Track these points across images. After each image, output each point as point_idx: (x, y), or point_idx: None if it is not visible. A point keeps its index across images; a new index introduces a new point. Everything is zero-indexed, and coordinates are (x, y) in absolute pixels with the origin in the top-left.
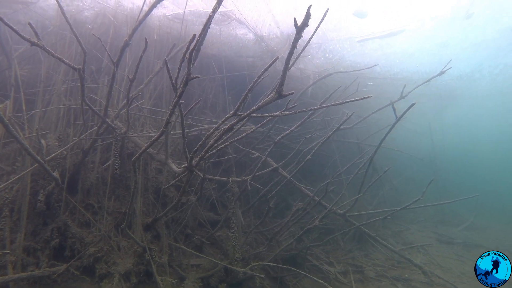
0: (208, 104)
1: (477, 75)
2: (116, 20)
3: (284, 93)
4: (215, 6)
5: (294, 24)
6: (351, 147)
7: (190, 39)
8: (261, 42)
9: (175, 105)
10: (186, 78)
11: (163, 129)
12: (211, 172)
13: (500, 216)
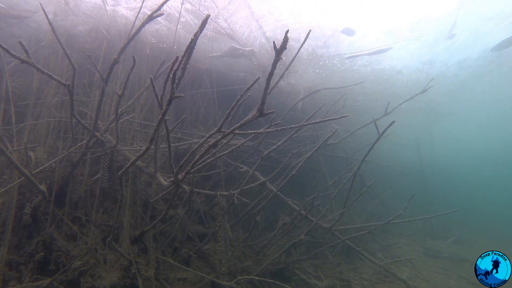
0: (200, 118)
1: (462, 92)
2: (109, 34)
3: (265, 112)
4: (197, 31)
5: (273, 47)
6: (340, 161)
7: (173, 61)
8: (252, 58)
9: (159, 122)
10: (170, 97)
11: (148, 145)
12: (200, 185)
13: (487, 229)
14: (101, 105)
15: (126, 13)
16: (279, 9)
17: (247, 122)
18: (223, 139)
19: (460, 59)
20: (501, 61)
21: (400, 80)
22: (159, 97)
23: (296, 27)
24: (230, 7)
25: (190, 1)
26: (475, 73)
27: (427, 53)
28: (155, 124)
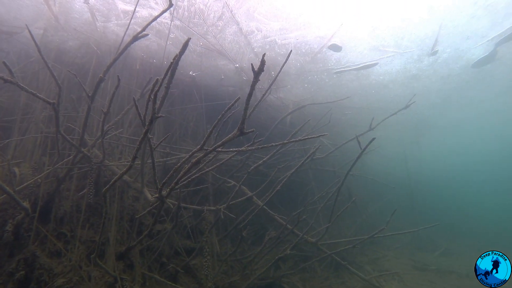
0: (189, 132)
1: (447, 105)
2: (100, 50)
3: (245, 131)
4: (176, 55)
5: (252, 69)
6: (329, 174)
7: (154, 82)
8: (241, 73)
9: (141, 141)
10: (151, 117)
11: (130, 163)
12: (189, 200)
13: (474, 241)
14: (87, 122)
15: (116, 29)
16: (267, 26)
17: (228, 141)
18: (206, 156)
19: (443, 75)
20: (481, 77)
21: (387, 94)
22: (142, 116)
23: (284, 43)
24: (219, 23)
25: (180, 18)
26: (458, 88)
27: (412, 69)
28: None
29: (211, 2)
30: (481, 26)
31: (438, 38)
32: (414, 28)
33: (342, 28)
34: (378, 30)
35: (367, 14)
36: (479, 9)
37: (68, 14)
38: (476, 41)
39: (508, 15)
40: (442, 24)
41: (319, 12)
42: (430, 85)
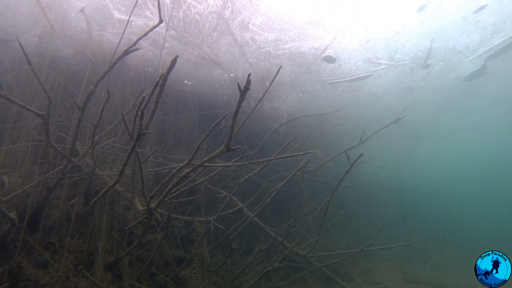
0: (183, 141)
1: (440, 117)
2: (95, 58)
3: (232, 148)
4: (162, 74)
5: (238, 87)
6: (322, 185)
7: (141, 100)
8: (235, 82)
9: (128, 156)
10: (138, 134)
11: (117, 178)
12: (181, 209)
13: (464, 254)
14: (77, 133)
15: (112, 38)
16: (261, 37)
17: (215, 156)
18: (196, 169)
19: (436, 87)
20: (472, 90)
21: (381, 105)
22: (131, 131)
23: (279, 54)
24: (214, 34)
25: (175, 28)
26: (451, 100)
27: (405, 81)
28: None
29: (206, 13)
30: (471, 41)
31: (430, 52)
32: (406, 42)
33: (336, 40)
34: (372, 42)
35: (361, 27)
36: (469, 25)
37: (64, 22)
38: (466, 56)
39: (496, 32)
40: (434, 39)
41: (313, 24)
42: (423, 97)
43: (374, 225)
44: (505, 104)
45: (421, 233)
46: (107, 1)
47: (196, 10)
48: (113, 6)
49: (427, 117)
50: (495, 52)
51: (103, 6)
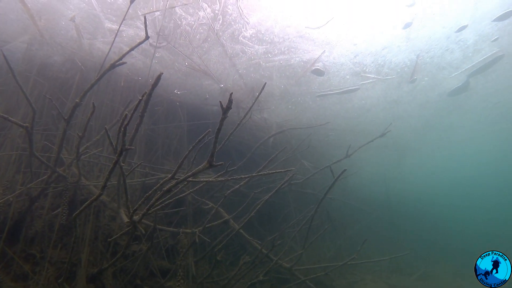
0: (172, 150)
1: (427, 130)
2: (85, 66)
3: (214, 164)
4: (145, 92)
5: (220, 106)
6: (310, 197)
7: (124, 117)
8: (225, 93)
9: (110, 171)
10: (121, 149)
11: (100, 192)
12: (168, 219)
13: (450, 265)
14: (62, 143)
15: (102, 47)
16: (251, 49)
17: (198, 172)
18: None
19: (422, 101)
20: (457, 104)
21: (369, 118)
22: (113, 144)
23: (268, 66)
24: (204, 45)
25: (165, 38)
26: (437, 114)
27: (392, 94)
28: (112, 167)
29: (196, 25)
30: (454, 59)
31: (416, 67)
32: (393, 57)
33: (325, 54)
34: (360, 57)
35: (349, 42)
36: (451, 43)
37: (54, 30)
38: (450, 72)
39: (477, 51)
40: (420, 55)
41: (303, 38)
42: (410, 111)
43: (362, 237)
44: (488, 118)
45: (408, 244)
46: (98, 11)
47: (186, 21)
48: (104, 15)
49: (414, 130)
50: (476, 70)
51: (94, 15)
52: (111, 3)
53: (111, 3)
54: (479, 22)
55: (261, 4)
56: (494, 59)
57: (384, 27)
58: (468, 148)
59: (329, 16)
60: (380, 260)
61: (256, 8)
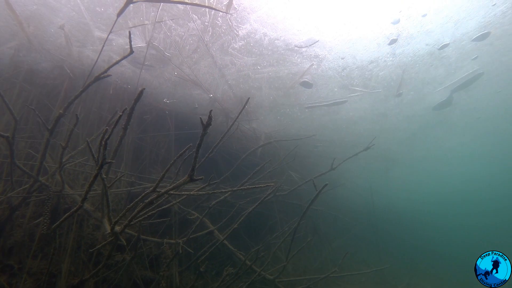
0: (160, 159)
1: (414, 142)
2: (74, 73)
3: (195, 178)
4: (125, 108)
5: (201, 123)
6: (297, 208)
7: (104, 132)
8: (214, 102)
9: (90, 184)
10: (101, 163)
11: (80, 204)
12: (154, 228)
13: (435, 277)
14: (45, 153)
15: (92, 55)
16: (241, 60)
17: (179, 185)
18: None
19: (408, 115)
20: (441, 118)
21: (357, 130)
22: (95, 157)
23: (258, 77)
24: (194, 56)
25: (155, 48)
26: (423, 127)
27: (380, 107)
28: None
29: (186, 36)
30: (438, 74)
31: (402, 82)
32: (380, 71)
33: (313, 67)
34: (347, 70)
35: (337, 56)
36: (435, 59)
37: (43, 37)
38: (435, 87)
39: (459, 68)
40: (405, 70)
41: (291, 51)
42: (397, 123)
43: (348, 247)
44: (471, 132)
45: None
46: (88, 20)
47: (176, 32)
48: (94, 24)
49: (401, 142)
50: (459, 86)
51: (84, 24)
52: (101, 13)
53: (101, 13)
54: (459, 41)
55: (250, 17)
56: (475, 76)
57: (371, 43)
58: (453, 160)
59: (317, 31)
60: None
61: (246, 21)
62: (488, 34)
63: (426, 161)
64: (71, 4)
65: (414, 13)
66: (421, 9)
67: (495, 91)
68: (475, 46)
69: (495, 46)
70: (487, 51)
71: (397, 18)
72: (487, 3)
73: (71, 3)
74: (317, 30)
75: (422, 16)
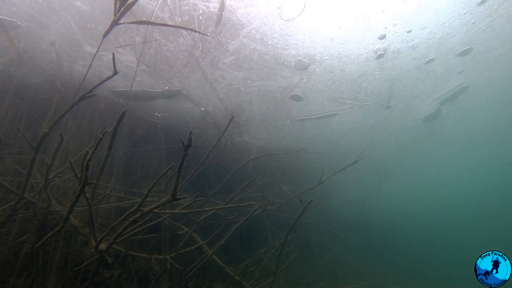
0: (151, 172)
1: (404, 154)
2: (64, 88)
3: (177, 197)
4: (111, 128)
5: (181, 143)
6: (288, 221)
7: (85, 154)
8: (206, 116)
9: (72, 205)
10: (82, 185)
11: (62, 224)
12: (144, 243)
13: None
14: (31, 171)
15: (83, 70)
16: (231, 75)
17: (162, 205)
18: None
19: (398, 126)
20: (431, 130)
21: (348, 141)
22: (79, 177)
23: (248, 91)
24: (185, 70)
25: (146, 63)
26: (413, 139)
27: (370, 119)
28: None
29: (176, 51)
30: (426, 87)
31: (391, 95)
32: (369, 85)
33: (303, 80)
34: (337, 84)
35: (326, 69)
36: (422, 73)
37: (34, 53)
38: (423, 100)
39: (445, 81)
40: (394, 83)
41: (281, 65)
42: (388, 135)
43: (341, 259)
44: (461, 142)
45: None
46: (79, 36)
47: (167, 48)
48: (85, 40)
49: (392, 154)
50: (446, 98)
51: (75, 40)
52: (91, 29)
53: (92, 29)
54: (444, 56)
55: (240, 33)
56: (461, 89)
57: (359, 58)
58: (444, 170)
59: (305, 47)
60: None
61: (235, 36)
62: (471, 49)
63: (418, 171)
64: (62, 21)
65: (399, 29)
66: (405, 26)
67: (481, 104)
68: (460, 61)
69: (478, 61)
70: (471, 65)
71: (383, 33)
72: (468, 21)
73: (62, 20)
74: (305, 46)
75: (407, 32)
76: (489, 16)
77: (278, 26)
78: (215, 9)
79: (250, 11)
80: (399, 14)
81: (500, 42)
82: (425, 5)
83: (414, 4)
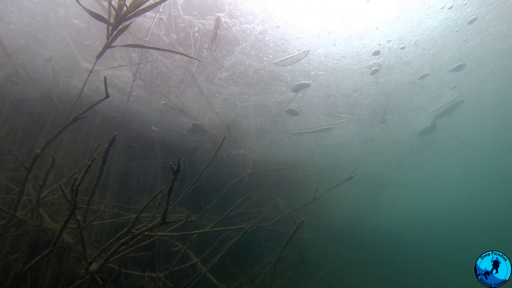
0: (147, 186)
1: (401, 167)
2: (61, 102)
3: (167, 221)
4: (91, 160)
5: (171, 169)
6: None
7: (74, 179)
8: (202, 130)
9: (62, 229)
10: (72, 209)
11: (51, 248)
12: (138, 259)
13: None
14: (23, 190)
15: (79, 85)
16: (227, 90)
17: (153, 227)
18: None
19: (394, 139)
20: (427, 143)
21: (345, 155)
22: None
23: (244, 105)
24: (181, 85)
25: (142, 78)
26: (409, 151)
27: (366, 133)
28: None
29: (172, 67)
30: (421, 101)
31: (387, 109)
32: (364, 99)
33: (299, 95)
34: (332, 98)
35: (321, 84)
36: (417, 88)
37: (31, 68)
38: (419, 113)
39: (440, 95)
40: (389, 97)
41: (277, 80)
42: (384, 148)
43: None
44: (457, 155)
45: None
46: (76, 52)
47: (163, 63)
48: (81, 56)
49: (388, 167)
50: (441, 112)
51: (72, 56)
52: (88, 45)
53: (89, 45)
54: (438, 71)
55: (235, 49)
56: (456, 104)
57: (354, 73)
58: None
59: (300, 63)
60: None
61: (230, 52)
62: (464, 65)
63: (414, 184)
64: (59, 38)
65: (393, 46)
66: (399, 42)
67: (476, 117)
68: (453, 76)
69: (472, 76)
70: (464, 80)
71: (377, 49)
72: (459, 38)
73: (59, 37)
74: (300, 62)
75: (400, 48)
76: (479, 34)
77: (273, 42)
78: (210, 26)
79: (245, 28)
80: (392, 31)
81: (491, 58)
82: (417, 23)
83: (407, 22)
